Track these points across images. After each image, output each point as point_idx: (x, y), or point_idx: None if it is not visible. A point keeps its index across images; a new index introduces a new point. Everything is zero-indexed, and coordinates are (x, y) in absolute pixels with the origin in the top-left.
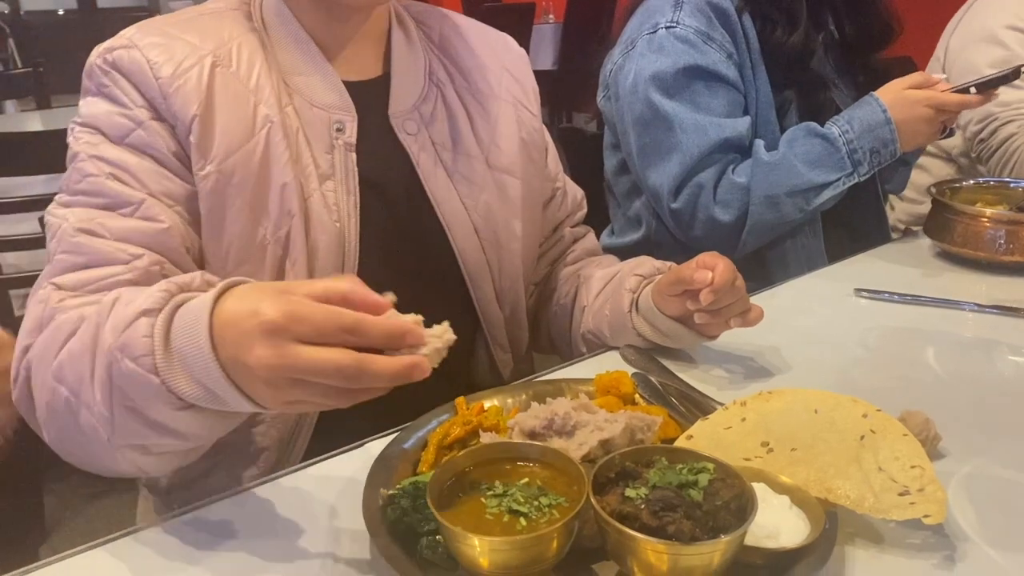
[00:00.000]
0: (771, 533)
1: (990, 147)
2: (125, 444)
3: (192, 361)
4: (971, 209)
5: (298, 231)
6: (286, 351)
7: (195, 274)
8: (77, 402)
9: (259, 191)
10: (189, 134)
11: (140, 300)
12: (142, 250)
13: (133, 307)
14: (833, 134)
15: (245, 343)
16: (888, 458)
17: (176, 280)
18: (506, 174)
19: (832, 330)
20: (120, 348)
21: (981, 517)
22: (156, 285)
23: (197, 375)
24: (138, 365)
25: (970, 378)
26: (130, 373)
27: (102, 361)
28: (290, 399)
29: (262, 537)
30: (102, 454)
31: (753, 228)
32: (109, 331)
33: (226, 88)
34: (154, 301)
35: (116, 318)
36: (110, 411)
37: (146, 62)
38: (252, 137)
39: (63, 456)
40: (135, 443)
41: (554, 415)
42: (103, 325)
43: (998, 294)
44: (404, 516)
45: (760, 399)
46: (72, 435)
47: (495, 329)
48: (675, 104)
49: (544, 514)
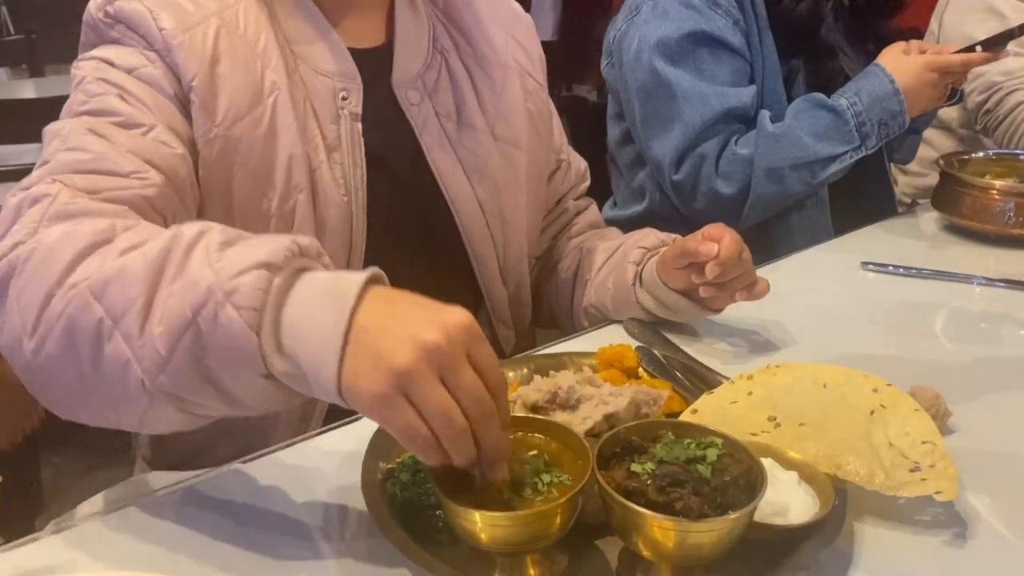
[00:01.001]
0: (779, 510)
1: (996, 117)
2: (164, 392)
3: (308, 340)
4: (980, 181)
5: (305, 205)
6: (443, 363)
7: (311, 239)
8: (112, 328)
9: (265, 161)
10: (191, 91)
11: (257, 246)
12: (156, 171)
13: (250, 251)
14: (841, 106)
15: (393, 343)
16: (899, 434)
17: (298, 239)
18: (512, 147)
19: (839, 304)
20: (227, 292)
21: (991, 493)
22: (273, 237)
23: (302, 356)
24: (241, 316)
25: (978, 352)
26: (227, 322)
27: (188, 295)
28: (385, 407)
29: (259, 510)
30: (121, 397)
31: (756, 202)
32: (206, 266)
33: (233, 50)
34: (276, 254)
35: (217, 255)
36: (169, 351)
37: (148, 13)
38: (260, 104)
39: (49, 394)
40: (177, 394)
41: (557, 388)
42: (191, 255)
43: (1007, 268)
44: (403, 490)
45: (767, 373)
46: (82, 368)
47: (498, 306)
48: (678, 72)
49: (540, 493)
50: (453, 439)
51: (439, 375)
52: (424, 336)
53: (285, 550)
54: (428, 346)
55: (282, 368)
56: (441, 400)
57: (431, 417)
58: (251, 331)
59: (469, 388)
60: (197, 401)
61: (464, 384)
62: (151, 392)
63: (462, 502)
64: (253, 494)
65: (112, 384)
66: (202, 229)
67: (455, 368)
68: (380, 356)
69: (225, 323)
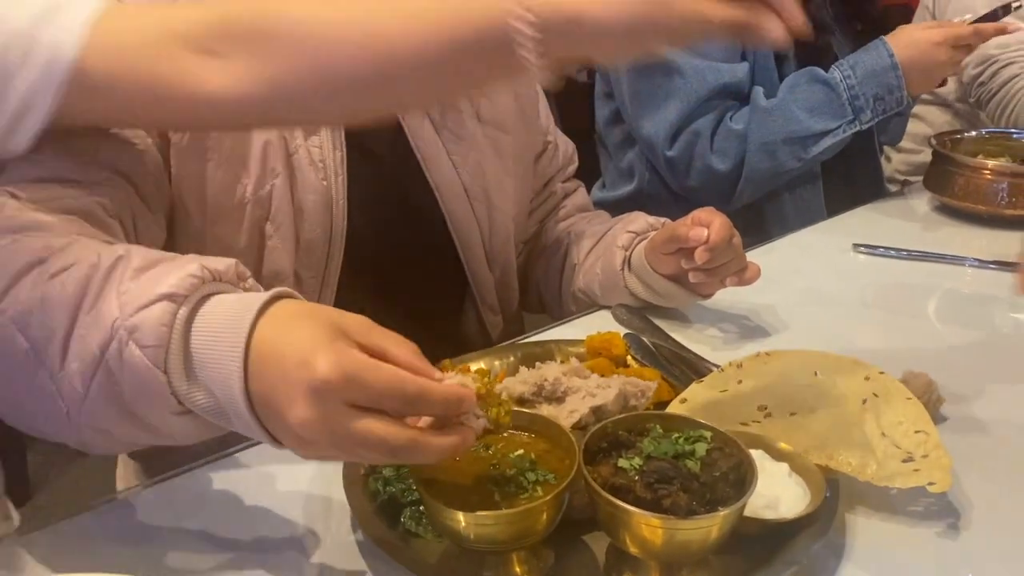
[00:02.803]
0: (770, 503)
1: (990, 90)
2: (90, 426)
3: (213, 376)
4: (973, 161)
5: (282, 190)
6: (334, 417)
7: (229, 261)
8: (37, 361)
9: (239, 146)
10: None
11: (163, 276)
12: (115, 174)
13: (153, 283)
14: (835, 79)
15: (287, 395)
16: (891, 423)
17: (208, 264)
18: (498, 130)
19: (830, 287)
20: (130, 329)
21: (983, 479)
22: (182, 263)
23: (216, 392)
24: (145, 355)
25: (970, 335)
26: (133, 361)
27: (95, 332)
28: (323, 455)
29: (239, 506)
30: (55, 424)
31: (750, 177)
32: (114, 299)
33: None
34: (181, 284)
35: (127, 286)
36: (84, 388)
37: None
38: None
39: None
40: (101, 427)
41: (544, 380)
42: (105, 286)
43: (999, 249)
44: (386, 486)
45: (757, 361)
46: (20, 394)
47: (485, 291)
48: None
49: (526, 491)
50: (397, 452)
51: (346, 404)
52: (311, 376)
53: (266, 546)
54: (317, 388)
55: (202, 402)
56: (358, 433)
57: (365, 449)
58: (157, 369)
59: (381, 392)
60: (124, 433)
61: (375, 393)
62: (78, 425)
63: (446, 501)
64: (233, 489)
65: (46, 412)
66: (120, 254)
67: (359, 385)
68: (280, 413)
69: (131, 362)
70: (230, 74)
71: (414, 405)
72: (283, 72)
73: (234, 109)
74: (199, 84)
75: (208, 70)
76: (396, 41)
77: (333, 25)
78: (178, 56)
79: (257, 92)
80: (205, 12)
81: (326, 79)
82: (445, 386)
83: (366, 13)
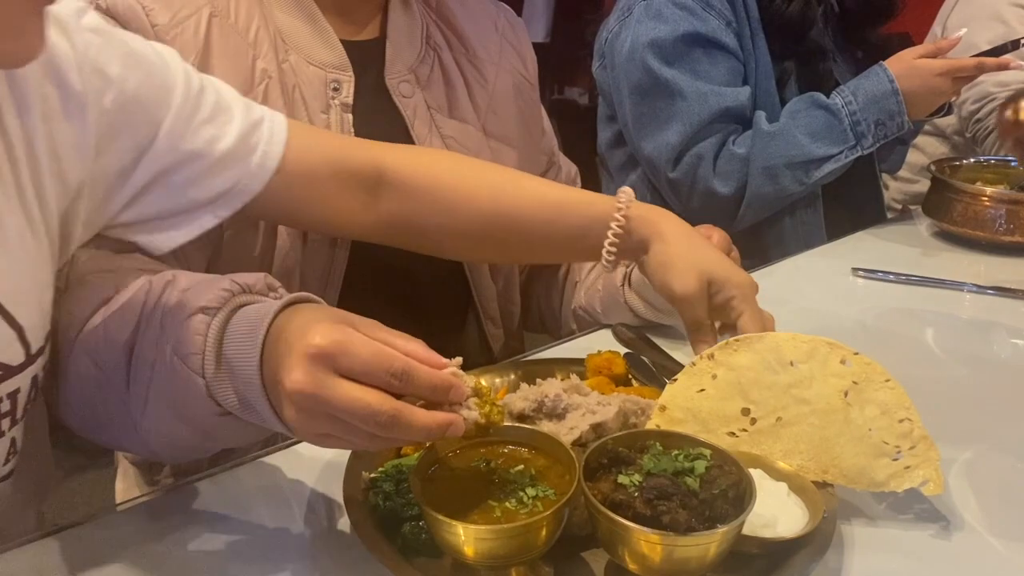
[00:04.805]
0: (768, 522)
1: (986, 127)
2: (152, 431)
3: (238, 371)
4: (972, 188)
5: None
6: (324, 382)
7: (259, 275)
8: (107, 381)
9: None
10: None
11: (201, 293)
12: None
13: (193, 299)
14: (836, 105)
15: (287, 363)
16: (876, 414)
17: (239, 279)
18: (503, 143)
19: (829, 310)
20: (173, 341)
21: (980, 502)
22: (218, 280)
23: (239, 386)
24: (186, 364)
25: (969, 360)
26: (176, 369)
27: (149, 350)
28: (319, 431)
29: (239, 520)
30: (129, 437)
31: (752, 201)
32: (162, 317)
33: (224, 40)
34: (214, 298)
35: (172, 306)
36: (143, 402)
37: (141, 8)
38: (250, 92)
39: (85, 432)
40: (164, 433)
41: (544, 396)
42: (156, 309)
43: (997, 275)
44: (386, 500)
45: (727, 350)
46: (98, 413)
47: (487, 302)
48: (674, 71)
49: (526, 506)
50: (383, 423)
51: (338, 375)
52: (307, 343)
53: (265, 560)
54: (311, 353)
55: (232, 403)
56: (345, 398)
57: (351, 417)
58: (196, 375)
59: (368, 361)
60: (183, 438)
61: (362, 362)
62: (144, 435)
63: (447, 513)
64: (232, 502)
65: (120, 426)
66: (168, 279)
67: (349, 354)
68: (280, 383)
69: (174, 370)
70: (378, 214)
71: (401, 380)
72: (420, 217)
73: (362, 234)
74: (351, 214)
75: (363, 205)
76: (515, 214)
77: (468, 187)
78: (346, 187)
79: (391, 228)
80: (372, 157)
81: (451, 228)
82: (434, 370)
83: (490, 189)
